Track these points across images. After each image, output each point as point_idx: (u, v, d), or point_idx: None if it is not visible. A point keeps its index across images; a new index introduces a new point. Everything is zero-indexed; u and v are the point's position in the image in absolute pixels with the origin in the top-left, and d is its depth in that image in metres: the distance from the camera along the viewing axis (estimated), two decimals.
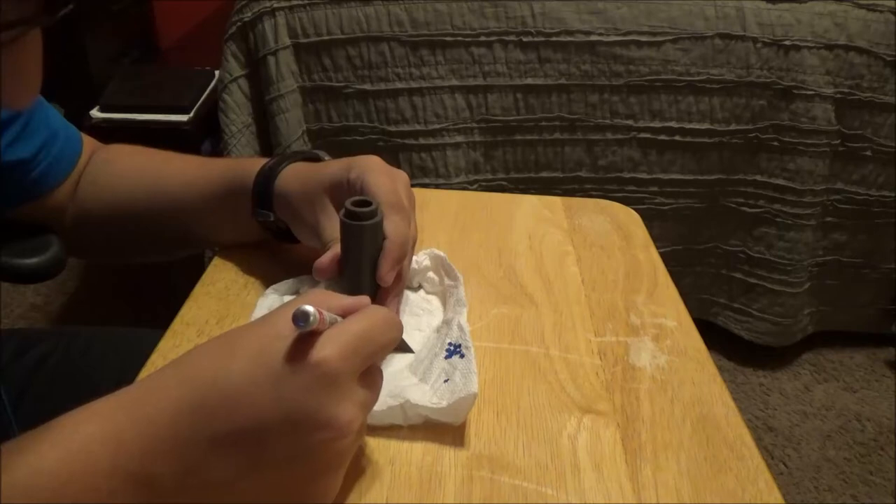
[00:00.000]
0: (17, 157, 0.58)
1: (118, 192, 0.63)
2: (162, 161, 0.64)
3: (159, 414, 0.34)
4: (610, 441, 0.46)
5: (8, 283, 0.64)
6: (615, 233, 0.71)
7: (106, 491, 0.32)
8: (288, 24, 1.43)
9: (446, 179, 1.51)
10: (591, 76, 1.47)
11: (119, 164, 0.65)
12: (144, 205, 0.62)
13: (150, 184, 0.63)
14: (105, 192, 0.63)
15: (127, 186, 0.63)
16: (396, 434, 0.45)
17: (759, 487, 0.44)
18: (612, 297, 0.61)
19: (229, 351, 0.36)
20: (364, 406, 0.37)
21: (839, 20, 1.48)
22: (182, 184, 0.61)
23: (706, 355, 0.55)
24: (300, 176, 0.56)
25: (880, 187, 1.58)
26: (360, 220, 0.49)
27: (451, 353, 0.49)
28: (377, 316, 0.39)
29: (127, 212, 0.63)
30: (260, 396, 0.34)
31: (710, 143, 1.52)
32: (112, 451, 0.33)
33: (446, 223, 0.71)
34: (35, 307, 1.82)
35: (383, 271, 0.50)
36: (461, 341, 0.50)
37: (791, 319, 1.64)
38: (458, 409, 0.46)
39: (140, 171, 0.64)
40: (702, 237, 1.64)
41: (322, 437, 0.35)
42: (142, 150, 0.66)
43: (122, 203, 0.63)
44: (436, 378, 0.48)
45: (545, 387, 0.51)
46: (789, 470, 1.46)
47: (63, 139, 0.62)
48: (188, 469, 0.34)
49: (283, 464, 0.35)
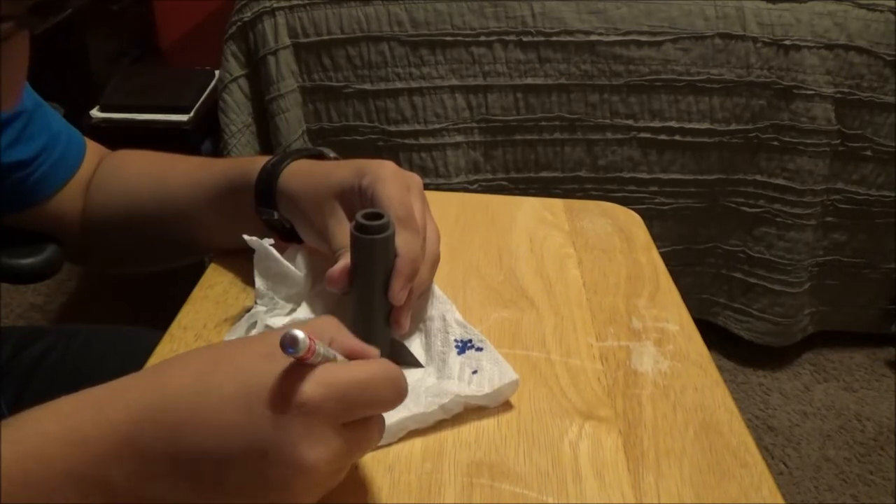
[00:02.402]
0: (16, 158, 0.58)
1: (125, 197, 0.63)
2: (167, 164, 0.63)
3: (122, 419, 0.33)
4: (612, 448, 0.46)
5: (6, 282, 0.64)
6: (616, 235, 0.71)
7: (59, 492, 0.32)
8: (288, 24, 1.43)
9: (446, 179, 1.50)
10: (591, 76, 1.47)
11: (125, 169, 0.65)
12: (150, 208, 0.62)
13: (155, 187, 0.62)
14: (112, 199, 0.63)
15: (133, 191, 0.63)
16: (395, 441, 0.45)
17: (763, 495, 0.43)
18: (614, 301, 0.61)
19: (213, 364, 0.35)
20: (340, 455, 0.35)
21: (839, 20, 1.48)
22: (186, 184, 0.60)
23: (709, 360, 0.55)
24: (307, 176, 0.55)
25: (880, 187, 1.57)
26: (371, 234, 0.47)
27: (461, 348, 0.50)
28: (382, 373, 0.37)
29: (134, 217, 0.63)
30: (230, 417, 0.33)
31: (710, 142, 1.52)
32: (69, 453, 0.32)
33: (446, 225, 0.71)
34: (35, 307, 1.81)
35: (394, 290, 0.48)
36: (470, 336, 0.51)
37: (791, 319, 1.64)
38: (500, 395, 0.48)
39: (145, 174, 0.63)
40: (702, 237, 1.63)
41: (284, 473, 0.33)
42: (147, 154, 0.65)
43: (128, 208, 0.63)
44: (459, 372, 0.49)
45: (546, 392, 0.50)
46: (789, 470, 1.46)
47: (65, 144, 0.62)
48: (143, 479, 0.33)
49: (241, 492, 0.33)
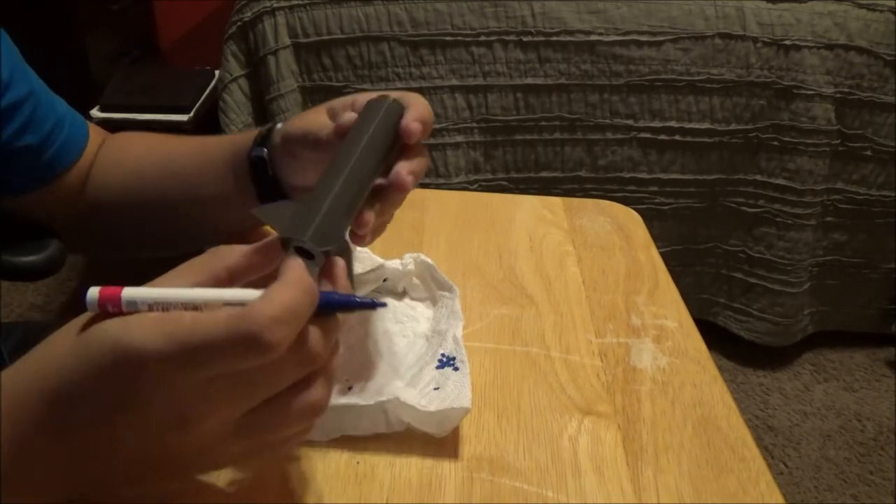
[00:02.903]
0: (27, 142, 0.59)
1: (128, 175, 0.63)
2: (173, 141, 0.64)
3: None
4: (611, 443, 0.46)
5: (7, 280, 0.64)
6: (616, 233, 0.71)
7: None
8: (288, 24, 1.43)
9: (446, 179, 1.51)
10: (591, 76, 1.47)
11: (130, 149, 0.65)
12: (156, 187, 0.62)
13: (161, 164, 0.62)
14: (116, 179, 0.63)
15: (138, 170, 0.63)
16: (396, 436, 0.45)
17: (761, 489, 0.44)
18: (613, 298, 0.61)
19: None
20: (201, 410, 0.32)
21: (839, 20, 1.48)
22: (194, 159, 0.60)
23: (707, 356, 0.55)
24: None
25: (880, 187, 1.57)
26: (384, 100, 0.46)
27: (443, 363, 0.49)
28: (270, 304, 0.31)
29: (138, 197, 0.63)
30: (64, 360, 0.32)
31: (710, 142, 1.52)
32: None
33: (446, 224, 0.71)
34: (35, 307, 1.81)
35: (408, 120, 0.45)
36: (456, 354, 0.49)
37: (791, 319, 1.64)
38: (446, 420, 0.45)
39: (151, 153, 0.64)
40: (702, 237, 1.64)
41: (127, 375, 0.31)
42: (151, 134, 0.66)
43: (133, 187, 0.63)
44: (425, 384, 0.47)
45: (546, 388, 0.50)
46: (789, 470, 1.46)
47: (69, 125, 0.62)
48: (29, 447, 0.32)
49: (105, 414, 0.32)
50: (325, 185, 0.40)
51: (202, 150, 0.60)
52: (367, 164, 0.42)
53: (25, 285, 1.86)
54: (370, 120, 0.44)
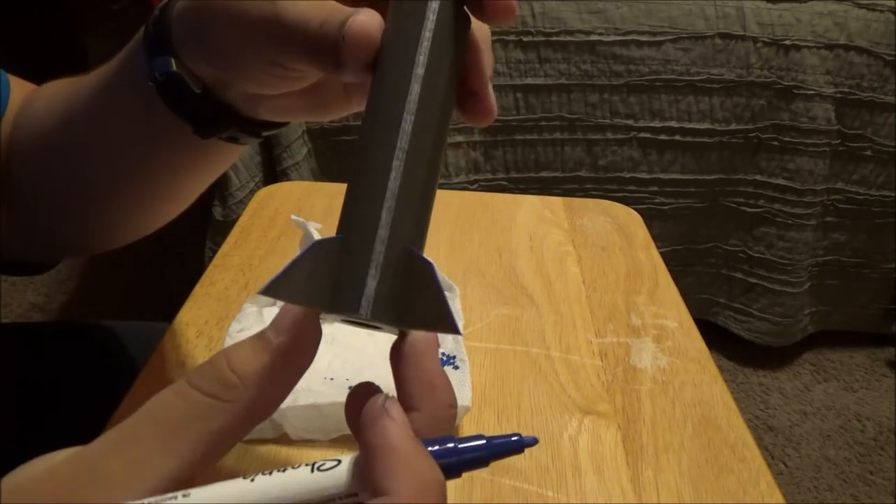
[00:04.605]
0: None
1: (36, 127, 0.49)
2: (79, 81, 0.47)
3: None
4: (611, 443, 0.46)
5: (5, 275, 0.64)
6: (616, 233, 0.71)
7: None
8: None
9: (446, 179, 1.51)
10: (591, 76, 1.47)
11: (38, 101, 0.51)
12: (60, 138, 0.47)
13: (63, 103, 0.47)
14: (25, 133, 0.50)
15: (43, 118, 0.49)
16: None
17: (761, 489, 0.44)
18: (613, 298, 0.61)
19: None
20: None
21: (839, 20, 1.48)
22: (91, 93, 0.44)
23: (707, 356, 0.55)
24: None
25: (880, 187, 1.58)
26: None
27: (443, 362, 0.49)
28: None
29: (47, 150, 0.49)
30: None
31: (711, 142, 1.52)
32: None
33: (447, 223, 0.71)
34: (35, 307, 1.81)
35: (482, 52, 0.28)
36: (456, 353, 0.49)
37: (791, 319, 1.64)
38: None
39: (54, 95, 0.50)
40: (702, 237, 1.64)
41: None
42: (65, 80, 0.50)
43: (41, 139, 0.48)
44: None
45: (546, 388, 0.50)
46: (789, 470, 1.46)
47: None
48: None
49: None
50: (368, 190, 0.24)
51: (100, 78, 0.43)
52: (433, 121, 0.24)
53: (25, 285, 1.86)
54: (415, 30, 0.24)
